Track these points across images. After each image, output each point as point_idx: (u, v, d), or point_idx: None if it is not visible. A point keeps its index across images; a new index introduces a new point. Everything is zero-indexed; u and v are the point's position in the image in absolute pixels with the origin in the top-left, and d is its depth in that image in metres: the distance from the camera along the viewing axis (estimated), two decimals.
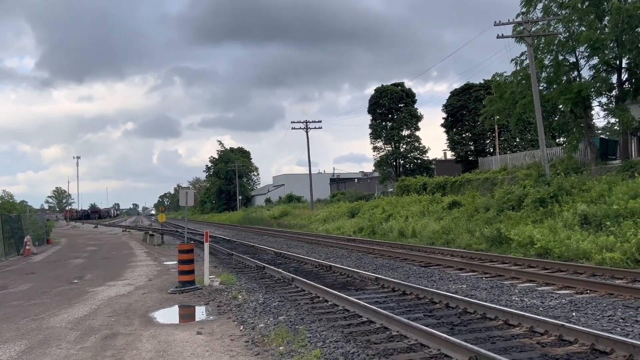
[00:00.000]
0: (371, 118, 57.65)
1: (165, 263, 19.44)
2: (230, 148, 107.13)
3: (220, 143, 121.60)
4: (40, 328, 9.16)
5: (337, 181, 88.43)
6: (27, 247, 25.87)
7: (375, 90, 57.53)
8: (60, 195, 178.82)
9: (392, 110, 56.15)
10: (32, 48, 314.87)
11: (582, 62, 27.84)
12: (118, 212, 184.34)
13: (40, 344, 8.03)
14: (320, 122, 58.89)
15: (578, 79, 27.69)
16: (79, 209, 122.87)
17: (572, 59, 27.93)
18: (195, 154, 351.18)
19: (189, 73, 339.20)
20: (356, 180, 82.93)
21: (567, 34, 27.17)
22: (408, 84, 58.01)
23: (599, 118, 70.86)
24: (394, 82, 58.51)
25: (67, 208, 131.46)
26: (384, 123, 56.81)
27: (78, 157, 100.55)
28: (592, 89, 26.87)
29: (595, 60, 27.31)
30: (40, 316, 10.22)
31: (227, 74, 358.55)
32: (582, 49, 27.05)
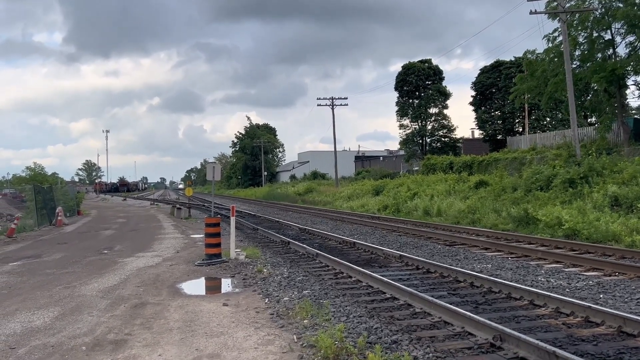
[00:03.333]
0: (398, 95, 56.97)
1: (192, 236, 19.77)
2: (257, 124, 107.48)
3: (248, 118, 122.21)
4: (72, 296, 9.45)
5: (362, 159, 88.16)
6: (59, 218, 26.55)
7: (402, 67, 56.76)
8: (90, 168, 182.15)
9: (419, 87, 55.38)
10: (60, 23, 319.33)
11: (618, 39, 27.00)
12: (146, 185, 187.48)
13: (73, 311, 8.29)
14: (346, 98, 58.33)
15: (613, 57, 26.87)
16: (108, 181, 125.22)
17: (608, 36, 27.10)
18: (220, 130, 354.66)
19: (211, 49, 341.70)
20: (381, 158, 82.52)
21: (603, 10, 26.31)
22: (434, 61, 56.73)
23: (634, 97, 68.89)
24: (420, 59, 57.66)
25: (96, 181, 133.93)
26: (410, 100, 56.11)
27: (107, 131, 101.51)
28: (628, 67, 26.07)
29: (632, 38, 26.44)
30: (72, 284, 10.53)
31: (248, 51, 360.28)
32: (618, 25, 26.21)
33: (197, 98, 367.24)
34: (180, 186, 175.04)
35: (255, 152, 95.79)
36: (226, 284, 10.48)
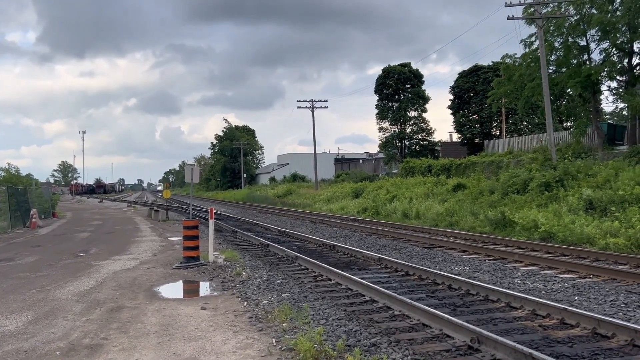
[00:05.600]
0: (377, 98, 57.33)
1: (169, 239, 19.57)
2: (236, 126, 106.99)
3: (226, 121, 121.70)
4: (46, 300, 9.27)
5: (341, 161, 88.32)
6: (33, 220, 26.06)
7: (382, 70, 57.12)
8: (65, 170, 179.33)
9: (398, 90, 55.76)
10: (34, 23, 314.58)
11: (592, 45, 27.57)
12: (123, 187, 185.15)
13: (47, 315, 8.13)
14: (326, 101, 58.56)
15: (588, 63, 27.39)
16: (84, 183, 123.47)
17: (583, 42, 27.63)
18: (198, 131, 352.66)
19: (186, 50, 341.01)
20: (361, 160, 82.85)
21: (578, 16, 26.82)
22: (413, 65, 57.27)
23: (608, 103, 70.12)
24: (395, 62, 58.02)
25: (72, 182, 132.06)
26: (390, 104, 56.46)
27: (84, 132, 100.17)
28: (602, 73, 26.60)
29: (606, 44, 27.03)
30: (46, 288, 10.34)
31: (224, 53, 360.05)
32: (593, 32, 26.76)
33: (173, 99, 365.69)
34: (159, 188, 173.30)
35: (235, 154, 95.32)
36: (204, 287, 10.39)
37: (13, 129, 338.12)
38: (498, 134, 48.19)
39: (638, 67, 27.17)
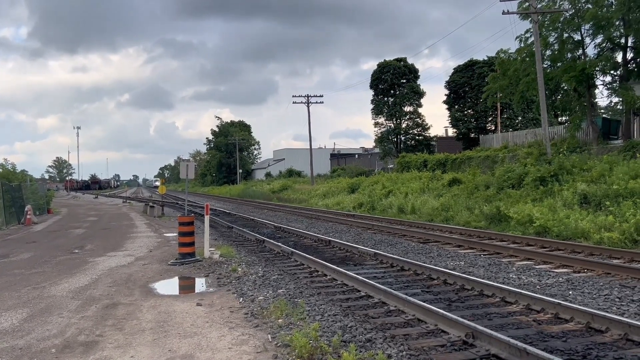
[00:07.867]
0: (373, 93, 57.23)
1: (165, 235, 19.54)
2: (231, 121, 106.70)
3: (218, 118, 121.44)
4: (41, 297, 9.25)
5: (337, 156, 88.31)
6: (28, 217, 25.96)
7: (377, 65, 57.01)
8: (60, 165, 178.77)
9: (394, 85, 55.69)
10: (26, 18, 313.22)
11: (587, 40, 27.56)
12: (118, 183, 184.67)
13: (42, 312, 8.12)
14: (322, 96, 58.59)
15: (583, 57, 27.42)
16: (80, 179, 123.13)
17: (577, 37, 27.63)
18: (192, 127, 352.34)
19: (178, 46, 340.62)
20: (356, 156, 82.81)
21: (573, 11, 26.82)
22: (409, 60, 57.01)
23: (602, 97, 70.27)
24: (387, 58, 57.88)
25: (67, 178, 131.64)
26: (385, 99, 56.40)
27: (78, 127, 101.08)
28: (597, 68, 26.64)
29: (600, 39, 27.04)
30: (41, 285, 10.31)
31: (215, 48, 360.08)
32: (587, 26, 26.73)
33: (166, 94, 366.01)
34: (157, 183, 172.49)
35: (230, 149, 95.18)
36: (200, 284, 10.39)
37: (6, 124, 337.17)
38: (493, 128, 48.25)
39: (632, 62, 27.20)
